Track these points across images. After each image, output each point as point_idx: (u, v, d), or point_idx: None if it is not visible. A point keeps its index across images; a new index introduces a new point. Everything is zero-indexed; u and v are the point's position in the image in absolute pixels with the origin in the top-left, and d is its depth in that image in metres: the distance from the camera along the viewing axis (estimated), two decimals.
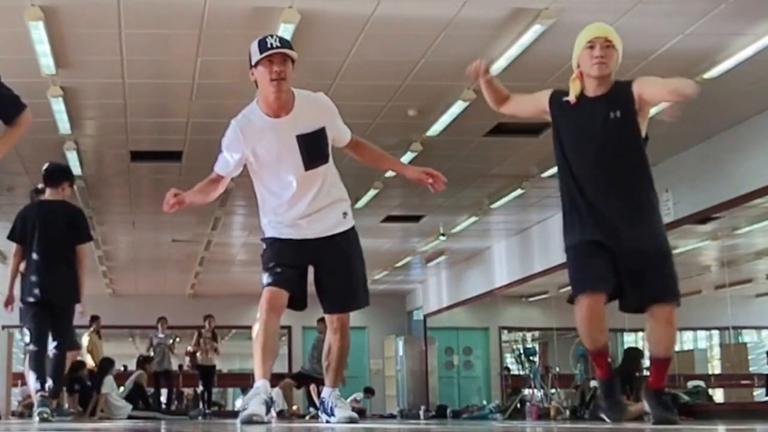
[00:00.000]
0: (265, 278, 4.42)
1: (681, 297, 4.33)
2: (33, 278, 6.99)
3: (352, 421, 4.45)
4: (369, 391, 18.92)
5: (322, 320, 13.98)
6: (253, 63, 4.28)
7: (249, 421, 4.11)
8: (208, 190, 4.58)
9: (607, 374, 4.43)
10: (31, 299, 6.99)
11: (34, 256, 7.01)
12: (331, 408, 4.56)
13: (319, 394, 14.23)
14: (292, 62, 4.28)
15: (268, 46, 4.22)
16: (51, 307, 7.01)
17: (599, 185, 4.30)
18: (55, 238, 7.03)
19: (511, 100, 4.59)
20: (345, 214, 4.48)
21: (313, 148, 4.34)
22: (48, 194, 7.31)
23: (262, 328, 4.35)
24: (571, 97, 4.37)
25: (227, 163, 4.46)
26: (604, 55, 4.27)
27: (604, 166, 4.28)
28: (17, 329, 8.81)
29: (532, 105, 4.56)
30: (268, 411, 4.24)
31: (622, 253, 4.25)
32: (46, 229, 7.05)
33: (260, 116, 4.36)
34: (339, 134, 4.50)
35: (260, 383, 4.27)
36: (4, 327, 13.43)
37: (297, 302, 4.46)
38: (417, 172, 4.60)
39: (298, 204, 4.39)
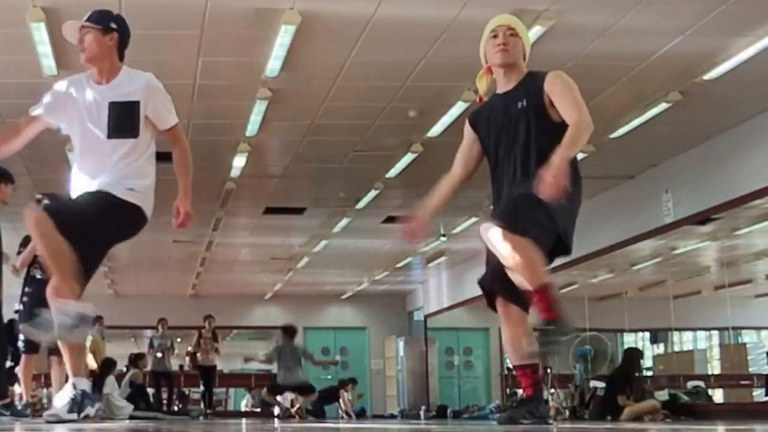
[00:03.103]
0: None
1: (523, 232, 3.96)
2: None
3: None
4: (351, 382, 18.17)
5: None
6: None
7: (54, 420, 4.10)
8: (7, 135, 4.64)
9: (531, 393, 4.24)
10: None
11: None
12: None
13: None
14: (109, 33, 4.54)
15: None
16: None
17: (509, 177, 4.25)
18: None
19: (460, 169, 4.59)
20: (131, 189, 4.34)
21: (121, 118, 4.34)
22: None
23: None
24: (480, 95, 4.32)
25: (41, 102, 4.48)
26: (507, 42, 4.25)
27: (514, 158, 4.21)
28: None
29: (469, 145, 4.48)
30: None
31: None
32: None
33: (90, 78, 4.45)
34: (157, 118, 4.48)
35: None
36: None
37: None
38: (181, 202, 4.55)
39: (91, 169, 4.35)
